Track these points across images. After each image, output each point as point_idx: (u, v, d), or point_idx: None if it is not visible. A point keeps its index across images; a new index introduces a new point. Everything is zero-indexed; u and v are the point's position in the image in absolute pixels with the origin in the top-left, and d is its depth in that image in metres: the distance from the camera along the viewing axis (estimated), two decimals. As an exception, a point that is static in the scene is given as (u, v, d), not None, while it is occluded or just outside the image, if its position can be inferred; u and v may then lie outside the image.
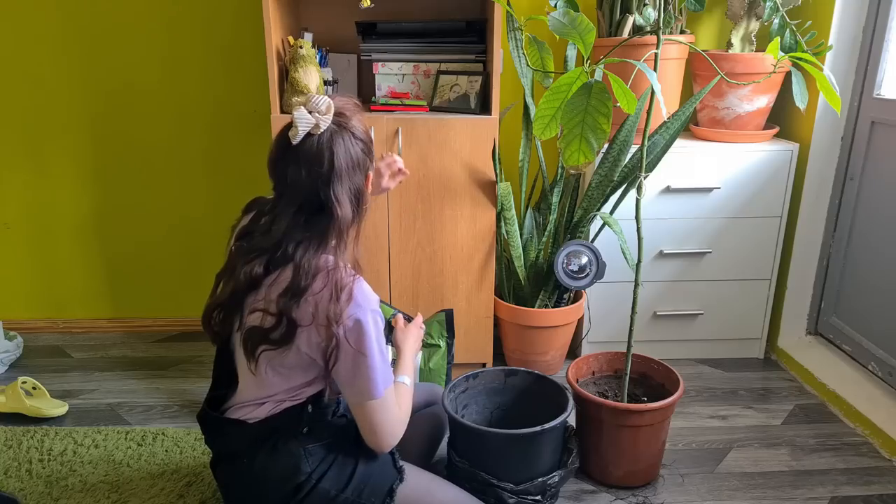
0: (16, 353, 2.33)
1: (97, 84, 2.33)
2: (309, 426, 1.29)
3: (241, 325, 1.28)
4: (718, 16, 2.34)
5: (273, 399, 1.30)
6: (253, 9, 2.23)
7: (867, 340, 2.09)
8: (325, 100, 1.21)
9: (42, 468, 1.76)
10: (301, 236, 1.22)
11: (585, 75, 1.33)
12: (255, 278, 1.24)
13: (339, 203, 1.21)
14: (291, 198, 1.23)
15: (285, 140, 1.21)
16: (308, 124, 1.19)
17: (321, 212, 1.22)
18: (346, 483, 1.29)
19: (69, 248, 2.50)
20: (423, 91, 2.10)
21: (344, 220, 1.23)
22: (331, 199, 1.21)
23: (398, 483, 1.36)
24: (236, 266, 1.27)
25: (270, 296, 1.23)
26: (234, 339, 1.32)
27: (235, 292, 1.26)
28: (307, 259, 1.21)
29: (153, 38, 2.29)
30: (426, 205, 2.01)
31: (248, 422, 1.29)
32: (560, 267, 2.03)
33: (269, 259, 1.24)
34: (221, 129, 2.39)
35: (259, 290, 1.25)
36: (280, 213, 1.24)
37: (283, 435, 1.28)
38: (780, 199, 2.19)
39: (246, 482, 1.30)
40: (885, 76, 2.02)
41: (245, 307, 1.27)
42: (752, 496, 1.69)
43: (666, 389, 1.75)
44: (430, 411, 1.66)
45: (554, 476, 1.57)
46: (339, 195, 1.21)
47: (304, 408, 1.28)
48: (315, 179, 1.21)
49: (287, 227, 1.23)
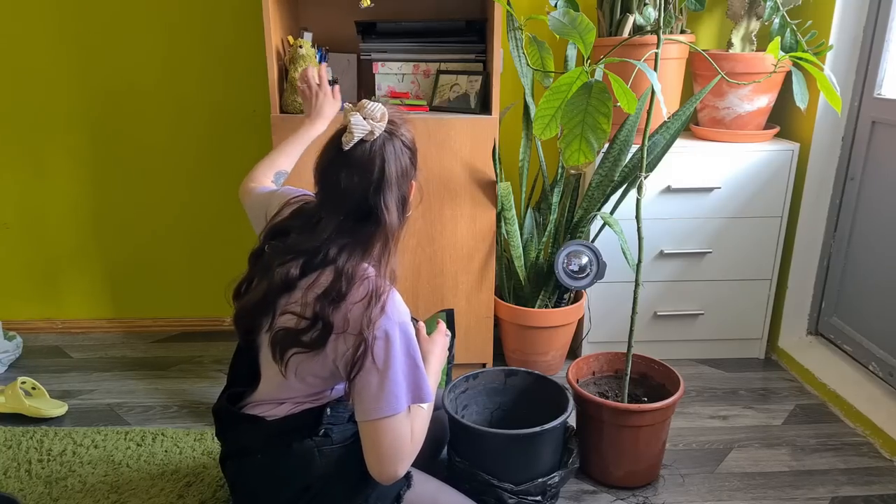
0: (15, 353, 2.33)
1: (97, 84, 2.33)
2: (325, 428, 1.27)
3: (271, 326, 1.27)
4: (719, 15, 2.34)
5: (293, 400, 1.30)
6: (252, 9, 2.22)
7: (868, 340, 2.09)
8: (380, 107, 1.22)
9: (41, 468, 1.76)
10: (345, 241, 1.22)
11: (585, 75, 1.33)
12: (290, 280, 1.23)
13: (388, 210, 1.22)
14: (339, 203, 1.22)
15: (337, 145, 1.22)
16: (363, 131, 1.20)
17: (367, 219, 1.22)
18: (355, 488, 1.29)
19: (69, 248, 2.50)
20: (422, 91, 2.10)
21: (391, 227, 1.23)
22: (380, 207, 1.21)
23: (406, 489, 1.36)
24: (271, 265, 1.25)
25: (307, 298, 1.21)
26: (261, 338, 1.31)
27: (269, 292, 1.25)
28: (350, 265, 1.20)
29: (153, 38, 2.29)
30: (426, 205, 2.01)
31: (266, 419, 1.29)
32: (560, 267, 2.03)
33: (305, 261, 1.23)
34: (221, 129, 2.39)
35: (293, 292, 1.24)
36: (325, 216, 1.23)
37: (299, 435, 1.27)
38: (781, 199, 2.18)
39: (256, 479, 1.30)
40: (885, 76, 2.02)
41: (277, 308, 1.26)
42: (752, 496, 1.69)
43: (666, 389, 1.75)
44: (433, 415, 1.66)
45: (554, 476, 1.57)
46: (388, 202, 1.22)
47: (323, 410, 1.28)
48: (366, 186, 1.21)
49: (332, 231, 1.22)
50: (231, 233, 2.48)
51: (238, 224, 2.47)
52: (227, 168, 2.42)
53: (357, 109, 1.22)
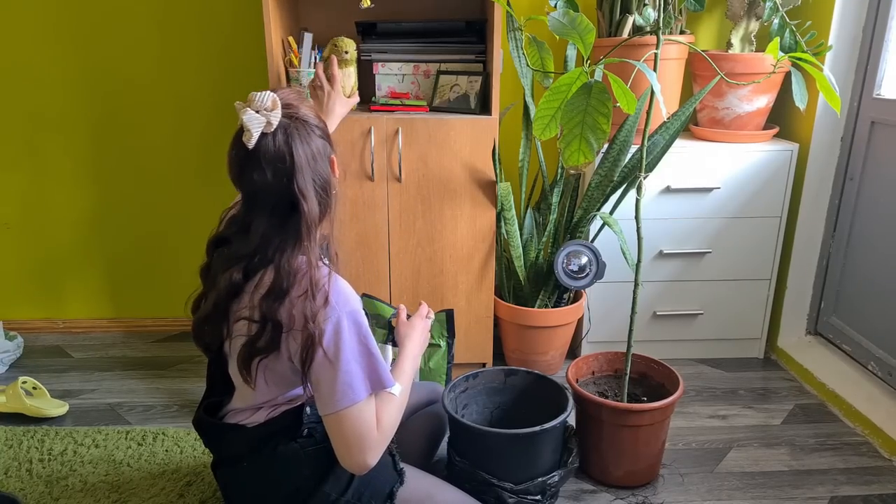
0: (16, 353, 2.33)
1: (96, 84, 2.33)
2: (308, 428, 1.27)
3: (229, 333, 1.26)
4: (718, 16, 2.34)
5: (269, 403, 1.29)
6: (252, 9, 2.23)
7: (867, 340, 2.09)
8: (269, 95, 1.15)
9: (42, 468, 1.76)
10: (279, 238, 1.18)
11: (585, 75, 1.33)
12: (235, 285, 1.21)
13: (306, 197, 1.16)
14: (262, 201, 1.18)
15: (241, 146, 1.16)
16: (260, 124, 1.14)
17: (294, 210, 1.17)
18: (346, 486, 1.28)
19: (69, 247, 2.50)
20: (423, 91, 2.10)
21: (311, 214, 1.17)
22: (295, 195, 1.16)
23: (398, 486, 1.35)
24: (217, 275, 1.24)
25: (253, 301, 1.20)
26: (226, 346, 1.31)
27: (218, 302, 1.23)
28: (286, 260, 1.17)
29: (153, 38, 2.29)
30: (426, 205, 2.02)
31: (247, 426, 1.28)
32: (560, 267, 2.04)
33: (246, 265, 1.21)
34: (220, 128, 2.39)
35: (242, 298, 1.23)
36: (254, 218, 1.19)
37: (283, 438, 1.26)
38: (780, 199, 2.19)
39: (247, 485, 1.30)
40: (885, 76, 2.02)
41: (230, 315, 1.25)
42: (751, 496, 1.69)
43: (666, 389, 1.75)
44: (430, 410, 1.66)
45: (554, 476, 1.57)
46: (304, 189, 1.16)
47: (302, 410, 1.27)
48: (280, 178, 1.15)
49: (263, 230, 1.19)
50: (231, 233, 2.48)
51: (238, 224, 2.47)
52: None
53: (247, 104, 1.15)
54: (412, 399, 1.70)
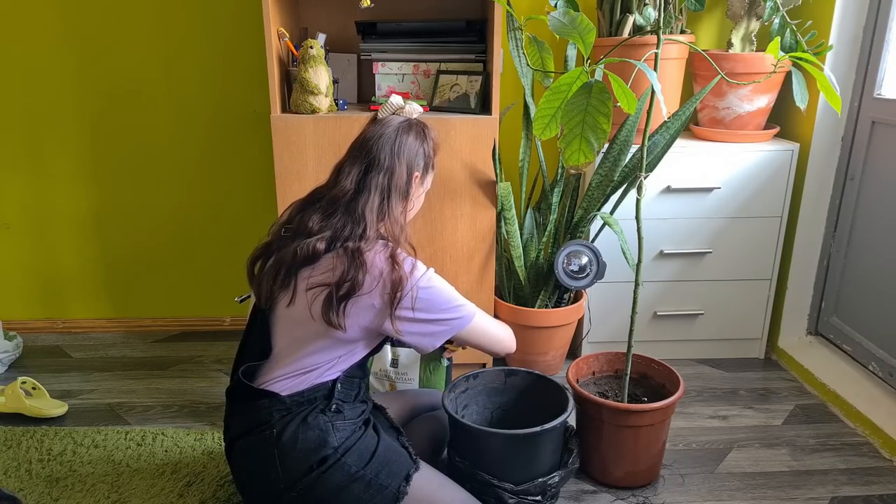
0: (15, 353, 2.33)
1: (97, 84, 2.33)
2: (336, 404, 1.35)
3: (293, 299, 1.35)
4: (718, 16, 2.34)
5: (307, 372, 1.35)
6: (252, 9, 2.23)
7: (867, 340, 2.09)
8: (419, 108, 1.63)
9: (42, 468, 1.76)
10: (365, 200, 1.36)
11: (585, 75, 1.33)
12: (315, 253, 1.33)
13: (395, 168, 1.38)
14: (359, 156, 1.39)
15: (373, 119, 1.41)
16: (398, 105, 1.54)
17: (383, 174, 1.38)
18: (368, 461, 1.35)
19: (69, 248, 2.50)
20: (423, 91, 2.10)
21: (398, 181, 1.38)
22: (391, 161, 1.38)
23: (415, 470, 1.41)
24: (296, 236, 1.36)
25: (335, 263, 1.32)
26: (277, 312, 1.38)
27: (289, 264, 1.35)
28: (371, 224, 1.35)
29: (153, 38, 2.29)
30: (426, 205, 2.00)
31: (281, 394, 1.34)
32: (560, 267, 2.03)
33: (331, 236, 1.33)
34: (221, 128, 2.39)
35: (317, 265, 1.34)
36: (349, 171, 1.38)
37: (314, 409, 1.34)
38: (781, 199, 2.19)
39: (269, 452, 1.33)
40: (885, 76, 2.02)
41: (299, 279, 1.34)
42: (752, 496, 1.69)
43: (666, 389, 1.75)
44: (433, 415, 1.69)
45: (554, 476, 1.57)
46: (395, 163, 1.39)
47: (335, 385, 1.35)
48: (382, 140, 1.39)
49: (355, 183, 1.37)
50: (231, 233, 2.48)
51: (238, 224, 2.47)
52: (228, 168, 2.42)
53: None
54: (415, 401, 1.72)
